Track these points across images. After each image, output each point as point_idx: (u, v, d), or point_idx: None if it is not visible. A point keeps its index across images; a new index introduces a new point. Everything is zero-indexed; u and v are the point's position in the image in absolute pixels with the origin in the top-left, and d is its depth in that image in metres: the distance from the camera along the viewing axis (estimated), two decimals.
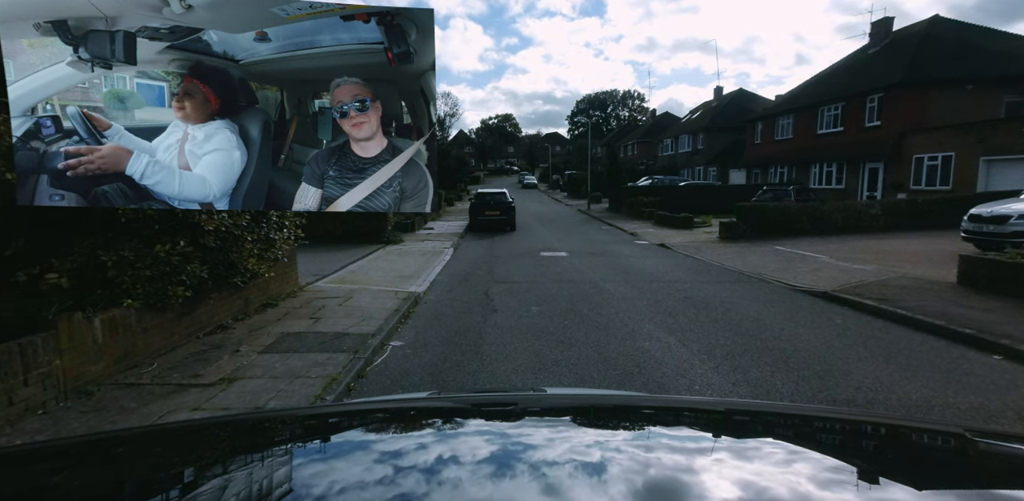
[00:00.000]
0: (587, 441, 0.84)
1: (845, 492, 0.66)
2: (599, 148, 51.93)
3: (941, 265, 8.92)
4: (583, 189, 33.55)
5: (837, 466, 0.77)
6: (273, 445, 0.93)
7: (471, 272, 9.97)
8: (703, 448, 0.82)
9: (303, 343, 4.83)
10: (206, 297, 4.95)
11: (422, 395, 1.57)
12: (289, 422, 1.10)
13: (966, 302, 6.23)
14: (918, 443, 0.95)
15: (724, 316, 6.29)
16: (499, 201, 18.77)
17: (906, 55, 20.69)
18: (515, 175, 67.98)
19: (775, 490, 0.65)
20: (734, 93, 40.44)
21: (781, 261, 10.40)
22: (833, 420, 1.08)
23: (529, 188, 51.06)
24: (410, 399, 1.51)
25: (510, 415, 1.05)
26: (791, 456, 0.79)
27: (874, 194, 20.98)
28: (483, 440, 0.84)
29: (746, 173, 31.27)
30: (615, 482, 0.66)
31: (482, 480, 0.67)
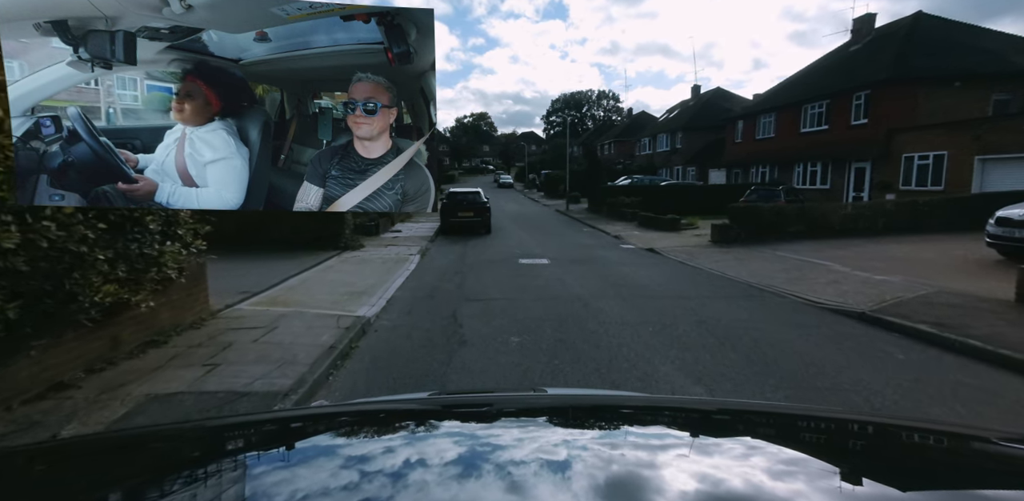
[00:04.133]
0: (556, 441, 0.83)
1: (822, 492, 0.64)
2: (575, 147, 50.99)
3: (975, 276, 7.86)
4: (560, 189, 32.41)
5: (816, 465, 0.76)
6: (230, 453, 0.89)
7: (438, 286, 8.45)
8: (668, 445, 0.82)
9: (171, 415, 3.25)
10: (23, 346, 3.31)
11: (418, 396, 1.54)
12: (248, 428, 1.06)
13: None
14: (904, 443, 0.92)
15: (755, 350, 4.97)
16: (473, 201, 17.26)
17: (891, 52, 20.07)
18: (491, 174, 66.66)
19: (736, 487, 0.65)
20: (711, 92, 39.95)
21: (789, 270, 9.22)
22: (819, 419, 1.07)
23: (505, 188, 49.78)
24: (388, 401, 1.45)
25: (484, 417, 1.04)
26: (767, 454, 0.79)
27: (860, 195, 20.32)
28: (452, 442, 0.83)
29: (726, 173, 30.58)
30: (578, 480, 0.66)
31: (448, 482, 0.66)
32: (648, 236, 15.64)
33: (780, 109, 25.37)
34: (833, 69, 23.23)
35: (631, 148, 48.49)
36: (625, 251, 12.94)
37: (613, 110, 76.96)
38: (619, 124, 61.17)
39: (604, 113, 77.69)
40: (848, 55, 23.40)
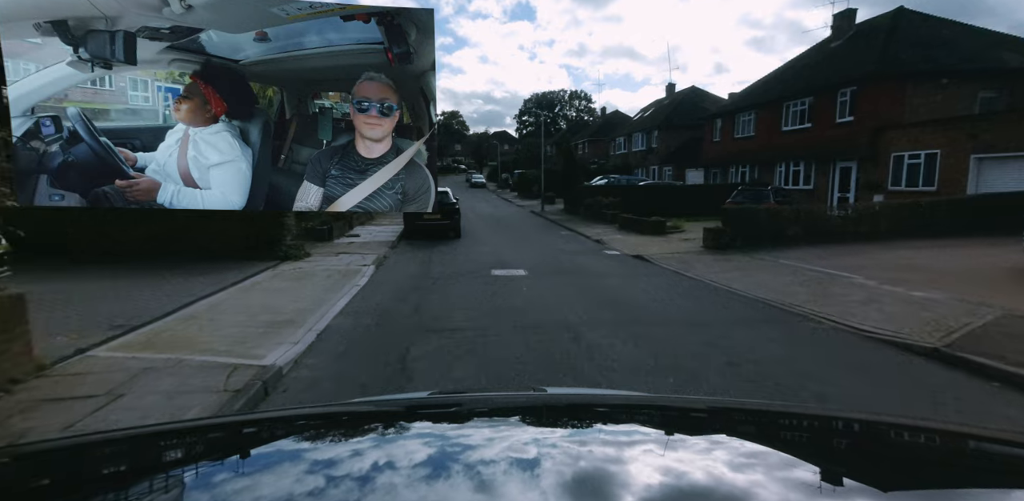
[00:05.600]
0: (526, 439, 0.83)
1: (797, 491, 0.63)
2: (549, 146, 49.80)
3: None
4: (535, 189, 30.97)
5: (793, 464, 0.74)
6: (185, 461, 0.84)
7: (390, 309, 6.76)
8: (635, 441, 0.82)
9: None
10: None
11: (414, 396, 1.53)
12: (201, 433, 1.01)
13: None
14: (891, 442, 0.90)
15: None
16: (441, 202, 15.50)
17: (877, 47, 19.33)
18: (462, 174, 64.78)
19: (699, 481, 0.64)
20: (687, 90, 39.26)
21: (806, 283, 7.91)
22: (802, 417, 1.05)
23: (477, 187, 48.11)
24: (357, 403, 1.41)
25: (455, 417, 1.03)
26: (738, 450, 0.78)
27: (846, 195, 19.50)
28: (421, 444, 0.81)
29: (704, 173, 29.70)
30: (546, 477, 0.66)
31: (415, 484, 0.65)
32: (632, 241, 14.27)
33: (760, 107, 24.52)
34: (814, 66, 22.47)
35: (605, 148, 47.51)
36: (610, 259, 11.50)
37: (585, 110, 76.29)
38: (592, 124, 60.29)
39: (576, 113, 76.93)
40: (829, 51, 22.68)
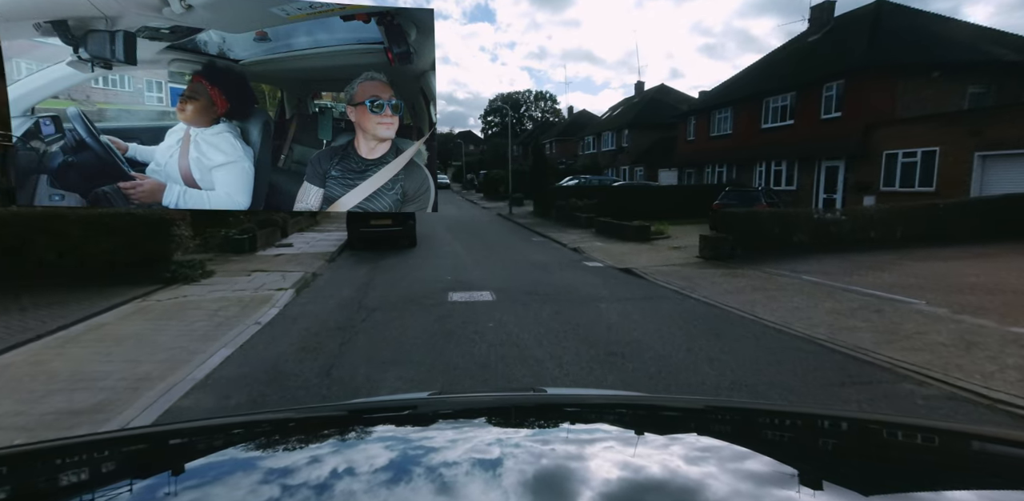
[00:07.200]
0: (489, 440, 0.82)
1: (798, 491, 0.61)
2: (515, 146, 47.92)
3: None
4: (501, 190, 28.94)
5: (790, 465, 0.73)
6: (128, 472, 0.79)
7: (286, 374, 4.52)
8: (597, 439, 0.82)
9: None
10: None
11: (408, 396, 1.59)
12: (134, 443, 0.96)
13: None
14: (876, 441, 0.89)
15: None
16: None
17: (862, 39, 18.23)
18: None
19: (656, 476, 0.64)
20: (656, 89, 38.13)
21: (858, 313, 6.12)
22: (784, 415, 1.03)
23: (442, 188, 45.69)
24: (316, 407, 1.42)
25: (419, 419, 1.03)
26: (721, 452, 0.77)
27: (833, 197, 18.30)
28: (383, 447, 0.81)
29: (678, 173, 28.38)
30: (508, 476, 0.65)
31: (376, 489, 0.64)
32: (615, 249, 12.40)
33: (737, 103, 23.25)
34: (795, 60, 21.32)
35: (574, 147, 46.01)
36: (595, 274, 9.52)
37: (551, 111, 75.09)
38: (559, 124, 58.82)
39: (542, 114, 75.61)
40: (808, 45, 21.60)
